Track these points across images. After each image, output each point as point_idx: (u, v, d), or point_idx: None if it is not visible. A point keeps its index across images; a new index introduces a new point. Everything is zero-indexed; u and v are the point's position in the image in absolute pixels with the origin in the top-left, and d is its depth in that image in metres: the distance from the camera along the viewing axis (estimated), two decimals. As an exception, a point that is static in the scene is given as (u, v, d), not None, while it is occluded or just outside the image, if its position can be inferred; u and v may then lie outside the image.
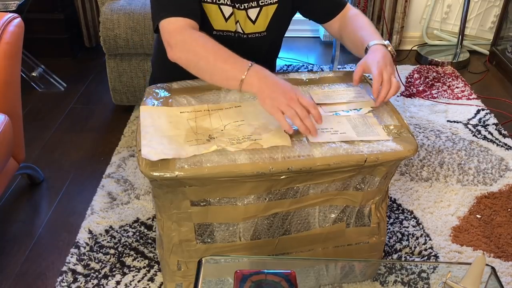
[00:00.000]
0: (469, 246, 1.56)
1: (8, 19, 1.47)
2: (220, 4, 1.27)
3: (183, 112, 1.17)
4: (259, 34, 1.34)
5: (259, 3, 1.30)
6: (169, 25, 1.18)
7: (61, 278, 1.44)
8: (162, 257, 1.26)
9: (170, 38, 1.17)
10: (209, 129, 1.11)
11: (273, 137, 1.08)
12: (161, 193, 1.10)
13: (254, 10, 1.30)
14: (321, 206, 1.18)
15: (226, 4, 1.27)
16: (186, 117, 1.15)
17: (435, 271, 1.19)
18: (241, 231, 1.16)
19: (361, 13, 1.39)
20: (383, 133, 1.11)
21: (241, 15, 1.30)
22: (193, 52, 1.14)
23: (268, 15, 1.32)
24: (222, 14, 1.28)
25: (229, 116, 1.16)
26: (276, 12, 1.33)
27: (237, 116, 1.15)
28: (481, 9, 2.84)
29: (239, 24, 1.31)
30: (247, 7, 1.29)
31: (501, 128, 2.15)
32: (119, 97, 2.21)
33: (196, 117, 1.15)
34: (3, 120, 1.41)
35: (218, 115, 1.16)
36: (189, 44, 1.15)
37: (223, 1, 1.27)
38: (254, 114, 1.16)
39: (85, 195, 1.76)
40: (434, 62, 2.75)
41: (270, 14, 1.33)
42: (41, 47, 2.66)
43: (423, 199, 1.74)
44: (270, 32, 1.35)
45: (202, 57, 1.13)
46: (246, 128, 1.11)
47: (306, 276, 1.18)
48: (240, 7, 1.29)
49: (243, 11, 1.29)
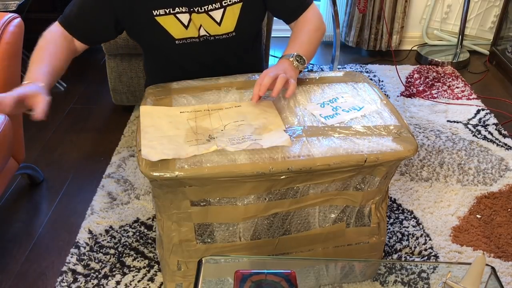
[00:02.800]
0: (469, 246, 1.56)
1: (8, 19, 1.47)
2: (176, 13, 1.25)
3: (183, 112, 1.17)
4: (227, 35, 1.32)
5: (222, 3, 1.27)
6: (53, 26, 1.29)
7: (61, 278, 1.44)
8: (162, 257, 1.26)
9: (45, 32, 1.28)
10: (209, 129, 1.11)
11: (273, 137, 1.07)
12: (161, 193, 1.10)
13: (217, 11, 1.27)
14: (321, 206, 1.18)
15: (182, 12, 1.25)
16: (186, 117, 1.15)
17: (435, 271, 1.19)
18: (241, 231, 1.16)
19: (317, 16, 1.35)
20: None
21: (203, 18, 1.28)
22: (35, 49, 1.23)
23: (234, 15, 1.29)
24: (181, 22, 1.27)
25: (229, 116, 1.15)
26: (242, 11, 1.30)
27: (237, 116, 1.15)
28: (481, 9, 2.84)
29: (202, 27, 1.29)
30: (208, 9, 1.27)
31: (501, 128, 2.15)
32: (119, 97, 2.21)
33: (196, 117, 1.15)
34: (3, 120, 1.41)
35: (218, 115, 1.16)
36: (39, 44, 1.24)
37: (178, 9, 1.25)
38: (254, 114, 1.16)
39: (85, 195, 1.76)
40: (434, 62, 2.75)
41: (237, 13, 1.29)
42: (41, 47, 2.66)
43: (423, 199, 1.74)
44: (239, 32, 1.32)
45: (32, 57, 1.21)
46: (246, 128, 1.11)
47: (306, 276, 1.18)
48: (200, 10, 1.26)
49: (204, 14, 1.27)
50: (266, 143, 1.05)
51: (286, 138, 1.07)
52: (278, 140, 1.06)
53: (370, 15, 2.76)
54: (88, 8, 1.26)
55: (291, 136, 1.08)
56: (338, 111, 1.19)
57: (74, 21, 1.27)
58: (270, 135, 1.08)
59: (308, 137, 1.09)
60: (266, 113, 1.15)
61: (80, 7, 1.27)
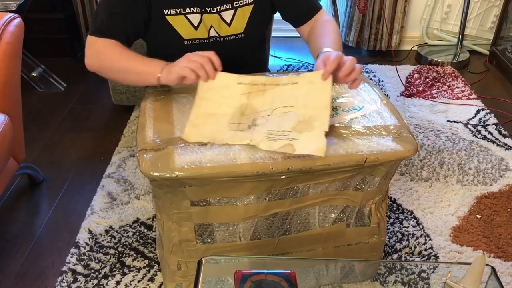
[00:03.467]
0: (469, 246, 1.56)
1: (8, 19, 1.47)
2: (187, 14, 1.26)
3: (240, 83, 1.16)
4: (237, 36, 1.33)
5: (233, 4, 1.28)
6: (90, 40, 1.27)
7: (61, 278, 1.44)
8: (162, 257, 1.26)
9: (87, 49, 1.26)
10: (257, 111, 1.10)
11: (310, 141, 1.03)
12: (161, 193, 1.10)
13: (228, 12, 1.29)
14: (321, 206, 1.18)
15: (193, 13, 1.26)
16: (240, 90, 1.15)
17: (435, 271, 1.19)
18: (241, 231, 1.16)
19: (333, 20, 1.36)
20: None
21: (214, 19, 1.28)
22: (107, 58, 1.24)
23: (244, 16, 1.31)
24: (191, 23, 1.28)
25: (282, 96, 1.13)
26: (253, 13, 1.31)
27: (288, 99, 1.12)
28: (481, 9, 2.84)
29: (213, 28, 1.30)
30: (220, 10, 1.28)
31: (501, 128, 2.15)
32: (119, 97, 2.21)
33: (250, 91, 1.15)
34: (3, 120, 1.41)
35: (271, 93, 1.14)
36: (100, 55, 1.24)
37: (189, 10, 1.26)
38: (306, 98, 1.11)
39: (85, 195, 1.76)
40: (434, 62, 2.75)
41: (247, 15, 1.31)
42: (41, 47, 2.66)
43: (423, 199, 1.74)
44: (248, 33, 1.33)
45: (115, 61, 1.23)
46: (291, 118, 1.08)
47: (306, 276, 1.18)
48: (212, 11, 1.27)
49: (216, 15, 1.28)
50: (299, 146, 1.02)
51: (321, 146, 1.02)
52: (312, 148, 1.02)
53: (370, 15, 2.76)
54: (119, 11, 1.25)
55: None
56: (338, 111, 1.19)
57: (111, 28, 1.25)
58: (308, 136, 1.04)
59: None
60: (318, 97, 1.09)
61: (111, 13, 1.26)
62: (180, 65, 1.13)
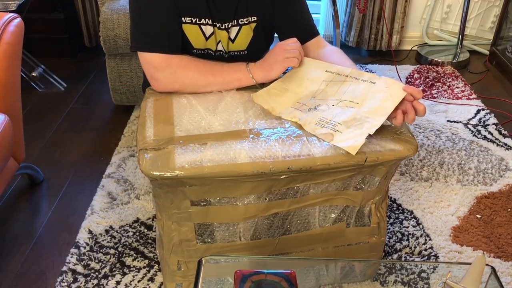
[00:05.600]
0: (469, 246, 1.56)
1: (8, 19, 1.47)
2: (201, 24, 1.27)
3: (328, 71, 1.23)
4: (239, 52, 1.35)
5: (239, 22, 1.30)
6: (152, 59, 1.22)
7: (61, 278, 1.44)
8: (162, 257, 1.26)
9: (156, 72, 1.22)
10: (326, 98, 1.15)
11: (350, 135, 1.05)
12: (161, 193, 1.10)
13: (234, 29, 1.31)
14: (321, 206, 1.18)
15: (207, 24, 1.28)
16: (324, 77, 1.22)
17: (435, 271, 1.19)
18: (241, 231, 1.16)
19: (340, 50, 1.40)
20: None
21: (223, 35, 1.30)
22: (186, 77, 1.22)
23: (248, 34, 1.33)
24: (203, 33, 1.29)
25: (354, 91, 1.15)
26: (256, 31, 1.34)
27: (359, 95, 1.14)
28: (481, 9, 2.84)
29: (221, 43, 1.32)
30: (228, 26, 1.29)
31: (501, 128, 2.15)
32: (119, 97, 2.21)
33: (332, 80, 1.20)
34: (3, 120, 1.41)
35: (347, 86, 1.17)
36: (178, 74, 1.22)
37: (204, 21, 1.27)
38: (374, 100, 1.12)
39: (85, 195, 1.76)
40: (434, 62, 2.75)
41: (251, 33, 1.33)
42: (41, 47, 2.66)
43: (423, 199, 1.74)
44: (251, 50, 1.36)
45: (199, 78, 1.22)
46: (349, 113, 1.10)
47: (306, 276, 1.18)
48: (221, 27, 1.29)
49: (224, 31, 1.30)
50: (338, 138, 1.06)
51: (356, 145, 1.03)
52: (347, 143, 1.04)
53: (370, 15, 2.76)
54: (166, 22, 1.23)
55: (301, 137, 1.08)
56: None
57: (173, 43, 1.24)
58: (352, 131, 1.06)
59: (308, 136, 1.09)
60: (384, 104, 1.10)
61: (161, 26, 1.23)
62: (279, 58, 1.22)
